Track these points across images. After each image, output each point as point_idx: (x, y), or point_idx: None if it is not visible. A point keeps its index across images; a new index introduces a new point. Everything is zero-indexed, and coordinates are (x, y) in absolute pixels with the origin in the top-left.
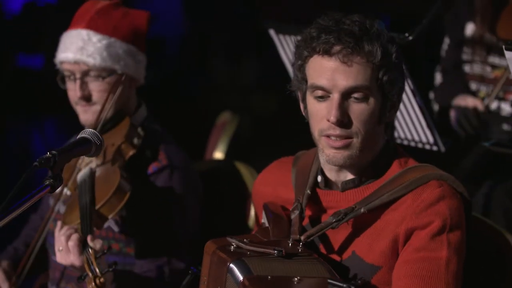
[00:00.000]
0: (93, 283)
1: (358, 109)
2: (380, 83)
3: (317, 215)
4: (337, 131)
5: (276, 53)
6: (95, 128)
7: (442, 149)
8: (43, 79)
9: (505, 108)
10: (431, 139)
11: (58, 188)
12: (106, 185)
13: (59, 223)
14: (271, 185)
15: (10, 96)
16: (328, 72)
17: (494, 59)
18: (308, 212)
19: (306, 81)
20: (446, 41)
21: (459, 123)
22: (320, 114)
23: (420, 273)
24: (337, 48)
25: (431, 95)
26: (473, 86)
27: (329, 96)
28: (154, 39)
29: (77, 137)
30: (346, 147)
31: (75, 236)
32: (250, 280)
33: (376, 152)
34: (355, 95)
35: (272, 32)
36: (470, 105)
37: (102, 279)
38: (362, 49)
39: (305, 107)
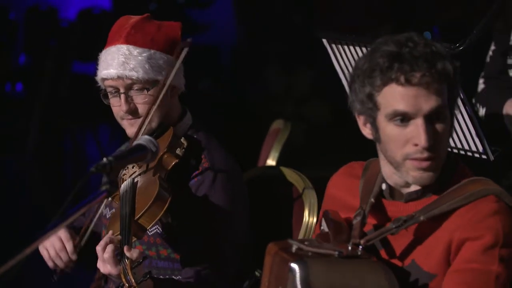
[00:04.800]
0: None
1: (440, 130)
2: (450, 100)
3: (380, 223)
4: (425, 154)
5: (329, 62)
6: None
7: (491, 158)
8: (97, 85)
9: None
10: (480, 148)
11: (114, 193)
12: (145, 195)
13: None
14: (341, 190)
15: (66, 102)
16: (410, 99)
17: None
18: (372, 221)
19: (378, 109)
20: (492, 47)
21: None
22: (403, 139)
23: (469, 281)
24: (416, 75)
25: (473, 100)
26: None
27: (412, 120)
28: (208, 48)
29: (133, 144)
30: (431, 166)
31: (109, 248)
32: None
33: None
34: (437, 116)
35: (325, 41)
36: None
37: None
38: (437, 70)
39: (377, 132)
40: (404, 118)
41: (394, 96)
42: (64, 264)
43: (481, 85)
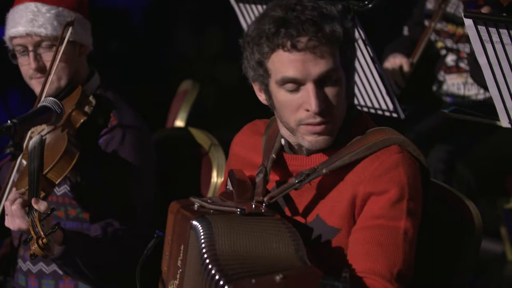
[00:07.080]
0: (36, 244)
1: (332, 93)
2: (344, 61)
3: (284, 179)
4: (318, 119)
5: (239, 23)
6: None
7: (402, 116)
8: (6, 50)
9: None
10: (390, 106)
11: (19, 156)
12: (54, 150)
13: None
14: (245, 148)
15: None
16: (298, 64)
17: (448, 15)
18: (275, 177)
19: (269, 75)
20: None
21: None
22: (295, 105)
23: (379, 239)
24: (302, 39)
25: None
26: (432, 37)
27: (302, 85)
28: (120, 10)
29: (38, 106)
30: (326, 130)
31: (18, 200)
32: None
33: (343, 120)
34: (328, 79)
35: (232, 1)
36: (398, 64)
37: (45, 240)
38: (325, 33)
39: (270, 98)
40: (294, 84)
41: (282, 63)
42: None
43: (405, 32)
